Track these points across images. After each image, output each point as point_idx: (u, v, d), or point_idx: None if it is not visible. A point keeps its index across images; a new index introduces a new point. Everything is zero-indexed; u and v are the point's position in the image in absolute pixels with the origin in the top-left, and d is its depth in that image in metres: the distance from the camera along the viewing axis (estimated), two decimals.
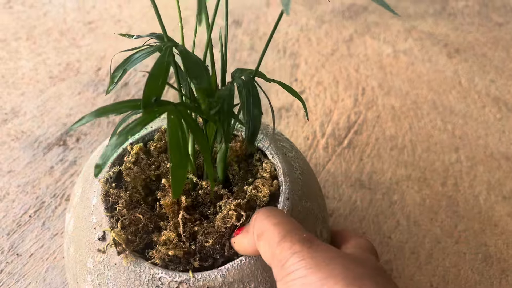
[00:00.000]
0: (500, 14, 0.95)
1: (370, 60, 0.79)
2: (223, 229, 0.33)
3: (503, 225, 0.53)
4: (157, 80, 0.27)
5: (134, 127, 0.26)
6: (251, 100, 0.31)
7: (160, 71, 0.27)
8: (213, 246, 0.33)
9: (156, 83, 0.27)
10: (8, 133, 0.59)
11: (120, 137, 0.26)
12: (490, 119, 0.68)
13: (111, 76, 0.30)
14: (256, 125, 0.31)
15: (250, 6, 0.91)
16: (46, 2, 0.87)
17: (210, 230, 0.34)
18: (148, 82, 0.26)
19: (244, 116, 0.31)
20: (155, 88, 0.27)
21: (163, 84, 0.27)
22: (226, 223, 0.34)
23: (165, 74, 0.27)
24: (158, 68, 0.27)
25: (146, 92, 0.26)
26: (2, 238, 0.47)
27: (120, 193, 0.35)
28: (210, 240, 0.33)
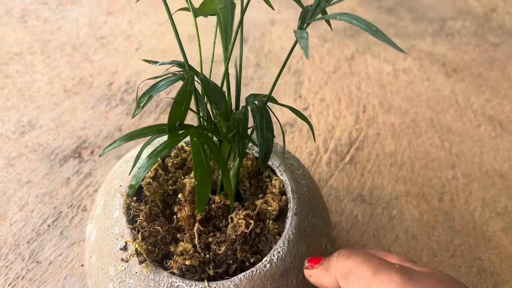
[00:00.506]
0: (496, 35, 0.99)
1: (371, 78, 0.82)
2: (234, 237, 0.36)
3: (497, 240, 0.56)
4: (181, 107, 0.30)
5: (162, 150, 0.29)
6: (264, 124, 0.34)
7: (184, 98, 0.30)
8: (226, 253, 0.36)
9: (180, 109, 0.30)
10: (26, 145, 0.61)
11: (151, 159, 0.28)
12: (485, 137, 0.71)
13: (137, 101, 0.32)
14: (269, 148, 0.34)
15: (255, 24, 0.94)
16: (59, 17, 0.90)
17: (222, 238, 0.37)
18: (173, 108, 0.29)
19: (257, 138, 0.34)
20: (179, 114, 0.30)
21: (186, 110, 0.30)
22: (236, 231, 0.36)
23: (188, 101, 0.30)
24: (181, 96, 0.30)
25: (171, 117, 0.29)
26: (23, 246, 0.49)
27: (140, 206, 0.38)
28: (222, 247, 0.36)
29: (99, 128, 0.65)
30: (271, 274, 0.35)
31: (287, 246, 0.36)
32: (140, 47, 0.84)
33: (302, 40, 0.27)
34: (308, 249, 0.38)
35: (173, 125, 0.30)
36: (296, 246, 0.37)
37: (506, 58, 0.91)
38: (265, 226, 0.38)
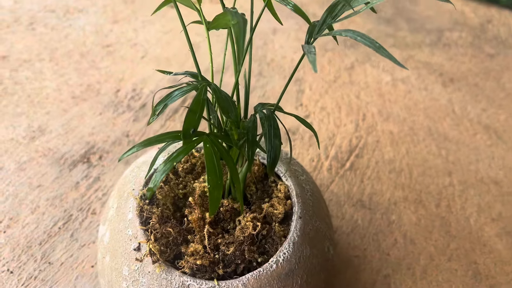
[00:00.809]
0: (491, 45, 1.02)
1: (370, 87, 0.84)
2: (242, 238, 0.38)
3: (492, 245, 0.58)
4: (195, 115, 0.32)
5: (178, 155, 0.31)
6: (272, 132, 0.36)
7: (197, 107, 0.32)
8: (234, 253, 0.38)
9: (194, 117, 0.32)
10: (36, 149, 0.63)
11: (167, 164, 0.30)
12: (481, 145, 0.73)
13: (153, 109, 0.34)
14: (277, 154, 0.36)
15: (258, 33, 0.97)
16: (67, 25, 0.92)
17: (231, 240, 0.38)
18: (188, 116, 0.31)
19: (266, 145, 0.36)
20: (193, 121, 0.32)
21: (199, 118, 0.32)
22: (244, 233, 0.38)
23: (201, 109, 0.32)
24: (195, 105, 0.32)
25: (185, 124, 0.31)
26: (35, 247, 0.51)
27: (152, 209, 0.40)
28: (231, 248, 0.37)
29: (107, 134, 0.67)
30: (277, 274, 0.37)
31: (292, 247, 0.38)
32: (146, 55, 0.86)
33: (310, 55, 0.29)
34: (312, 251, 0.40)
35: (188, 132, 0.32)
36: (300, 248, 0.39)
37: (501, 68, 0.94)
38: (271, 229, 0.40)
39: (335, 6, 0.33)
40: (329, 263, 0.42)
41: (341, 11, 0.33)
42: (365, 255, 0.55)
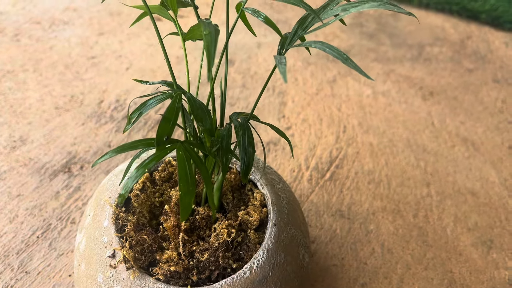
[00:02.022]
0: (471, 60, 1.04)
1: (351, 100, 0.86)
2: (216, 245, 0.39)
3: (467, 254, 0.59)
4: (169, 122, 0.33)
5: (150, 162, 0.32)
6: (246, 140, 0.37)
7: (171, 115, 0.33)
8: (208, 260, 0.38)
9: (167, 125, 0.32)
10: (17, 159, 0.63)
11: (139, 170, 0.31)
12: (459, 157, 0.75)
13: (128, 117, 0.35)
14: (250, 161, 0.37)
15: (242, 46, 0.98)
16: (52, 37, 0.93)
17: (205, 246, 0.39)
18: (161, 123, 0.32)
19: (240, 152, 0.37)
20: (167, 129, 0.32)
21: (173, 125, 0.33)
22: (219, 239, 0.39)
23: (175, 117, 0.33)
24: (169, 112, 0.33)
25: (159, 132, 0.32)
26: (12, 257, 0.51)
27: (128, 216, 0.40)
28: (205, 254, 0.38)
29: (89, 144, 0.67)
30: (251, 280, 0.37)
31: (266, 254, 0.39)
32: (131, 66, 0.87)
33: (281, 66, 0.30)
34: (287, 258, 0.40)
35: (161, 139, 0.32)
36: (275, 255, 0.39)
37: (479, 82, 0.96)
38: (247, 236, 0.40)
39: (306, 18, 0.34)
40: (304, 270, 0.43)
41: (311, 23, 0.34)
42: (343, 264, 0.56)
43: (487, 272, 0.57)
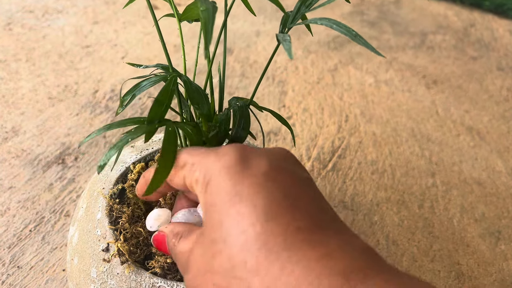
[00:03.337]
0: (474, 48, 1.02)
1: (353, 89, 0.84)
2: None
3: (475, 246, 0.57)
4: (162, 105, 0.30)
5: (136, 132, 0.30)
6: (242, 123, 0.35)
7: (165, 97, 0.31)
8: None
9: (160, 108, 0.30)
10: (8, 151, 0.61)
11: (123, 140, 0.29)
12: (464, 147, 0.73)
13: (120, 99, 0.33)
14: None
15: (241, 35, 0.96)
16: (45, 26, 0.90)
17: None
18: (154, 106, 0.30)
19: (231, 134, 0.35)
20: (159, 112, 0.30)
21: (166, 109, 0.31)
22: None
23: (169, 100, 0.31)
24: (163, 94, 0.31)
25: (150, 114, 0.30)
26: (4, 251, 0.49)
27: (123, 208, 0.38)
28: None
29: (83, 135, 0.65)
30: None
31: None
32: (126, 55, 0.84)
33: (285, 42, 0.28)
34: None
35: (152, 122, 0.30)
36: None
37: (484, 71, 0.94)
38: None
39: None
40: None
41: (315, 0, 0.31)
42: None
43: (496, 264, 0.55)
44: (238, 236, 0.22)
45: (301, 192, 0.24)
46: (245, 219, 0.22)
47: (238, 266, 0.22)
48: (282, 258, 0.21)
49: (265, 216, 0.22)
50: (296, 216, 0.23)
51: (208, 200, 0.25)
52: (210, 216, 0.24)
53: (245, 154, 0.25)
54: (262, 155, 0.26)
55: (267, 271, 0.21)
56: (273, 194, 0.23)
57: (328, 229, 0.23)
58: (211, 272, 0.23)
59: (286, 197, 0.23)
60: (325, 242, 0.22)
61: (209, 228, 0.24)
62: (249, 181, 0.24)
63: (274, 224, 0.22)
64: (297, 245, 0.21)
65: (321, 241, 0.22)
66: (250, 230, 0.22)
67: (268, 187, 0.23)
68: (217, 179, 0.24)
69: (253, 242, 0.22)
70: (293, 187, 0.24)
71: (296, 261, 0.21)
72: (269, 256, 0.21)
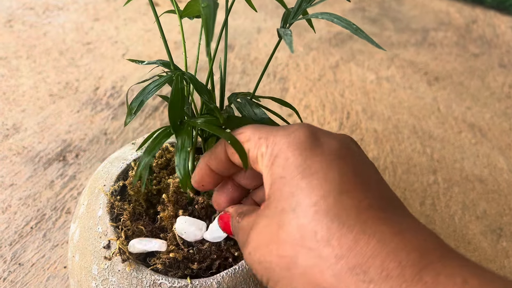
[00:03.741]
0: (476, 45, 1.01)
1: (355, 85, 0.83)
2: None
3: (476, 243, 0.57)
4: (178, 105, 0.30)
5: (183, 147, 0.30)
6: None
7: (177, 98, 0.31)
8: (209, 248, 0.36)
9: (177, 108, 0.30)
10: (10, 148, 0.61)
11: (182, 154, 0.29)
12: (466, 144, 0.73)
13: (128, 107, 0.32)
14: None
15: (242, 32, 0.96)
16: (46, 23, 0.90)
17: None
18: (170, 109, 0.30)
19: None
20: (178, 112, 0.30)
21: (182, 107, 0.31)
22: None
23: (183, 98, 0.31)
24: (175, 95, 0.31)
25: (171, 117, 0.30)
26: (5, 248, 0.49)
27: (124, 205, 0.38)
28: (206, 243, 0.36)
29: (84, 132, 0.65)
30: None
31: None
32: (127, 52, 0.84)
33: (286, 37, 0.28)
34: None
35: (175, 123, 0.30)
36: None
37: (485, 67, 0.94)
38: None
39: None
40: None
41: None
42: None
43: (497, 261, 0.55)
44: (309, 207, 0.22)
45: (369, 173, 0.25)
46: (317, 191, 0.23)
47: (307, 236, 0.22)
48: (356, 230, 0.21)
49: (338, 189, 0.22)
50: (367, 194, 0.23)
51: (276, 172, 0.25)
52: (278, 188, 0.24)
53: (315, 132, 0.26)
54: (331, 135, 0.26)
55: (339, 242, 0.21)
56: (345, 170, 0.23)
57: (397, 211, 0.23)
58: (276, 242, 0.24)
59: (357, 175, 0.24)
60: (397, 221, 0.22)
61: (277, 199, 0.24)
62: (320, 158, 0.24)
63: (347, 198, 0.22)
64: (370, 220, 0.22)
65: (393, 219, 0.22)
66: (322, 202, 0.22)
67: (339, 164, 0.24)
68: (287, 153, 0.25)
69: (325, 213, 0.22)
70: (362, 167, 0.25)
71: (370, 234, 0.21)
72: (342, 228, 0.21)
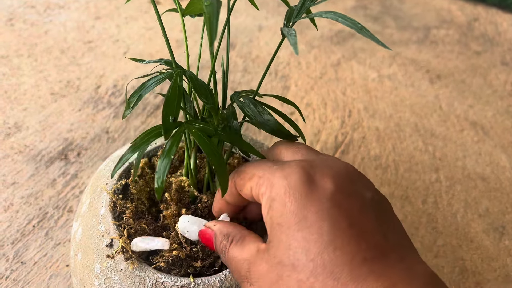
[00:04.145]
0: (478, 43, 1.01)
1: (356, 84, 0.83)
2: None
3: (479, 241, 0.57)
4: (173, 103, 0.30)
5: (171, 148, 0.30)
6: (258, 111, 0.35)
7: (174, 95, 0.31)
8: None
9: (172, 105, 0.30)
10: (11, 146, 0.61)
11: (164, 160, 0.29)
12: (468, 142, 0.73)
13: (127, 101, 0.32)
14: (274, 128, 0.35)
15: (243, 30, 0.95)
16: (47, 21, 0.90)
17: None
18: (165, 105, 0.30)
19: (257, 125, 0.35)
20: (172, 110, 0.30)
21: (178, 106, 0.30)
22: None
23: (179, 97, 0.31)
24: (172, 92, 0.31)
25: (164, 114, 0.30)
26: (7, 246, 0.49)
27: (126, 204, 0.38)
28: None
29: (86, 131, 0.65)
30: None
31: None
32: (128, 51, 0.84)
33: (291, 37, 0.28)
34: None
35: (167, 120, 0.30)
36: None
37: (488, 65, 0.93)
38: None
39: None
40: None
41: None
42: None
43: (500, 259, 0.55)
44: (307, 263, 0.24)
45: (366, 219, 0.25)
46: (313, 247, 0.24)
47: None
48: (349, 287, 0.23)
49: (332, 246, 0.24)
50: (361, 246, 0.24)
51: (274, 216, 0.26)
52: (276, 235, 0.26)
53: (310, 174, 0.26)
54: (328, 174, 0.27)
55: None
56: (339, 222, 0.24)
57: (392, 257, 0.24)
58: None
59: (351, 226, 0.24)
60: (389, 273, 0.23)
61: (275, 247, 0.26)
62: (315, 208, 0.25)
63: (341, 254, 0.23)
64: (363, 276, 0.23)
65: (385, 272, 0.23)
66: (318, 259, 0.24)
67: (333, 215, 0.25)
68: (283, 199, 0.26)
69: (321, 270, 0.23)
70: (358, 214, 0.25)
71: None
72: (337, 285, 0.23)
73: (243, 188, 0.30)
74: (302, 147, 0.31)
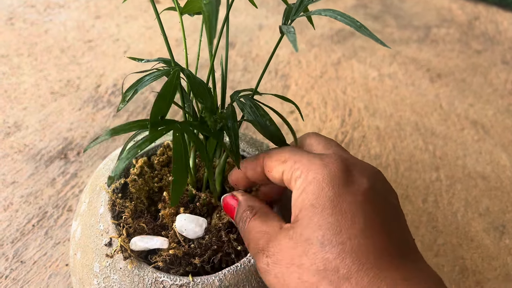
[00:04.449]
0: (479, 42, 1.01)
1: (357, 82, 0.83)
2: (220, 225, 0.37)
3: (479, 240, 0.57)
4: (165, 100, 0.30)
5: (143, 143, 0.29)
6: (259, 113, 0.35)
7: (168, 92, 0.30)
8: (210, 240, 0.36)
9: (163, 102, 0.30)
10: (11, 145, 0.61)
11: (131, 151, 0.29)
12: (468, 140, 0.73)
13: (122, 95, 0.32)
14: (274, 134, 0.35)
15: (243, 29, 0.95)
16: (47, 20, 0.90)
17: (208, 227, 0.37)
18: (157, 101, 0.29)
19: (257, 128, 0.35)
20: (163, 107, 0.30)
21: (169, 103, 0.30)
22: (221, 220, 0.37)
23: (172, 94, 0.31)
24: (166, 89, 0.30)
25: (154, 110, 0.30)
26: (7, 246, 0.49)
27: (125, 203, 0.38)
28: (206, 236, 0.36)
29: (85, 130, 0.65)
30: (255, 269, 0.35)
31: None
32: (128, 50, 0.84)
33: (290, 34, 0.28)
34: None
35: (156, 117, 0.30)
36: None
37: (488, 64, 0.93)
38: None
39: None
40: None
41: None
42: None
43: (500, 258, 0.55)
44: (336, 245, 0.25)
45: (393, 221, 0.28)
46: (344, 232, 0.26)
47: (331, 270, 0.25)
48: (372, 273, 0.25)
49: (363, 234, 0.26)
50: (387, 240, 0.26)
51: (308, 198, 0.28)
52: (307, 215, 0.27)
53: (349, 167, 0.29)
54: (364, 173, 0.29)
55: (356, 281, 0.25)
56: (372, 217, 0.27)
57: (408, 258, 0.27)
58: (298, 266, 0.26)
59: (381, 222, 0.27)
60: (408, 268, 0.26)
61: (304, 225, 0.27)
62: (350, 198, 0.27)
63: (370, 243, 0.25)
64: (385, 266, 0.25)
65: (405, 265, 0.26)
66: (348, 243, 0.25)
67: (367, 210, 0.27)
68: (321, 184, 0.27)
69: (349, 254, 0.25)
70: (387, 215, 0.28)
71: (383, 279, 0.24)
72: (361, 270, 0.25)
73: (272, 170, 0.32)
74: (333, 143, 0.33)
